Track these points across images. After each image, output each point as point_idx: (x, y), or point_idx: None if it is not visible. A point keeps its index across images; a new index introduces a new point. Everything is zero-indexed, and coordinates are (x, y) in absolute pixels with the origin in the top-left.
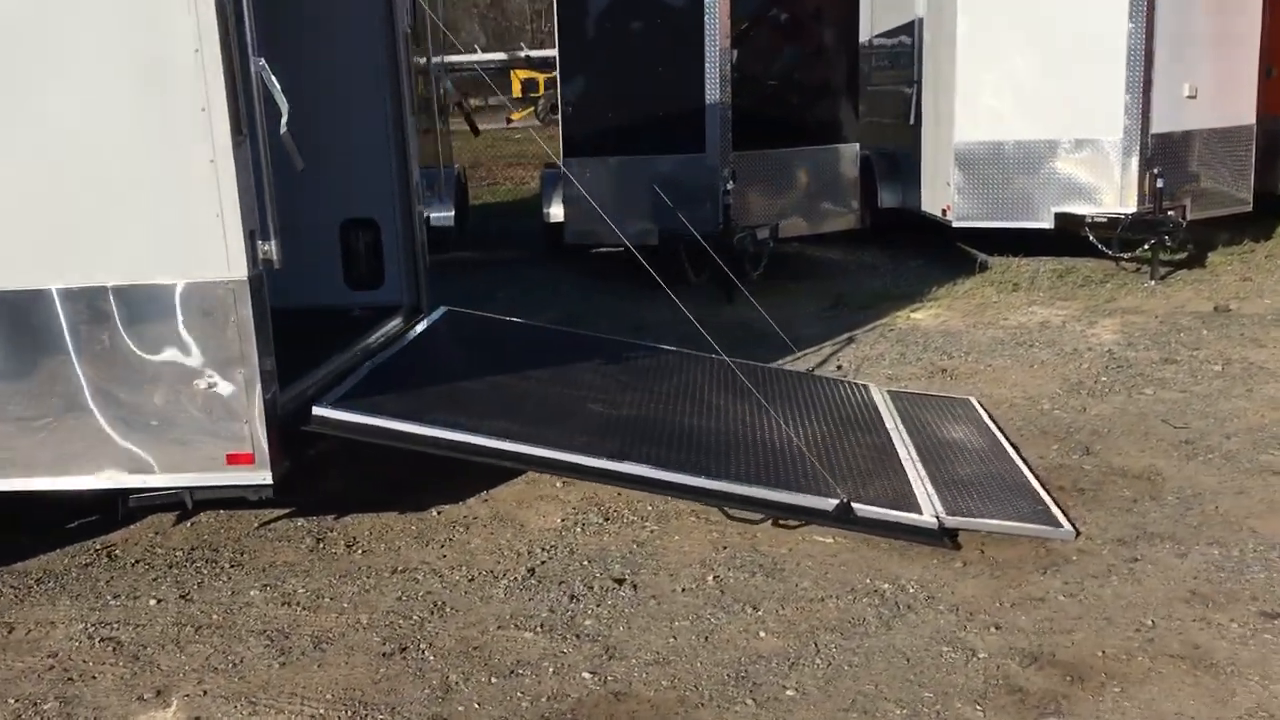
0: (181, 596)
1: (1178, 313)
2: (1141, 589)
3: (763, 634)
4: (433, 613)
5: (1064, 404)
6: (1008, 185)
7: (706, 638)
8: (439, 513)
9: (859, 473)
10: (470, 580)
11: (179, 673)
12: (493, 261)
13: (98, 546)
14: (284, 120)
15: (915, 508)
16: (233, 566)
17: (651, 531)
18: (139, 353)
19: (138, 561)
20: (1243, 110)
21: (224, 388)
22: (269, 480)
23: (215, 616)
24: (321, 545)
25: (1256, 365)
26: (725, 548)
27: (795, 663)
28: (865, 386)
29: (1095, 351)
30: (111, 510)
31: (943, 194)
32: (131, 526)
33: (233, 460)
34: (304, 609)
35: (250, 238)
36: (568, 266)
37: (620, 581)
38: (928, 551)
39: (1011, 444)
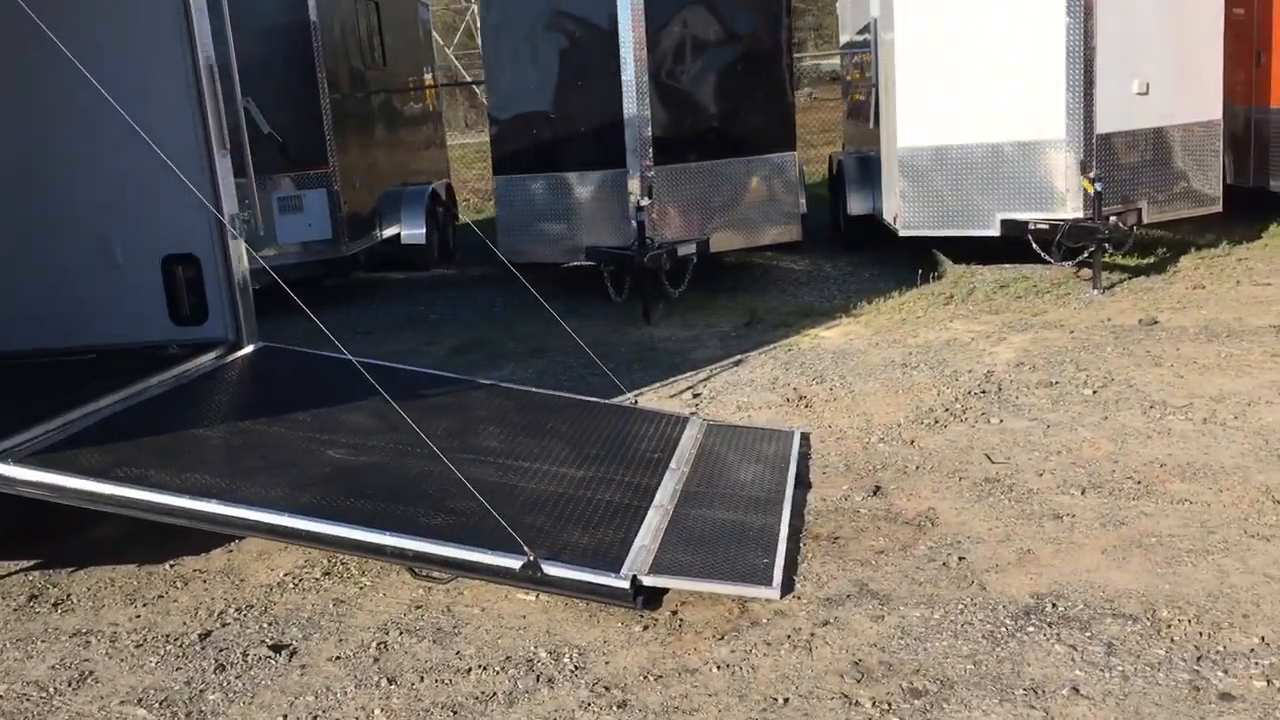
0: None
1: (1099, 327)
2: (809, 659)
3: (377, 712)
4: (73, 684)
5: (896, 436)
6: (953, 192)
7: (315, 718)
8: (172, 565)
9: (584, 523)
10: (138, 646)
11: None
12: (456, 280)
13: None
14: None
15: (613, 565)
16: None
17: (361, 588)
18: None
19: None
20: (1206, 105)
21: None
22: None
23: None
24: (32, 603)
25: (1135, 388)
26: (419, 607)
27: None
28: (683, 420)
29: (976, 373)
30: None
31: (894, 201)
32: None
33: None
34: None
35: None
36: (509, 282)
37: (278, 650)
38: (622, 612)
39: (802, 484)
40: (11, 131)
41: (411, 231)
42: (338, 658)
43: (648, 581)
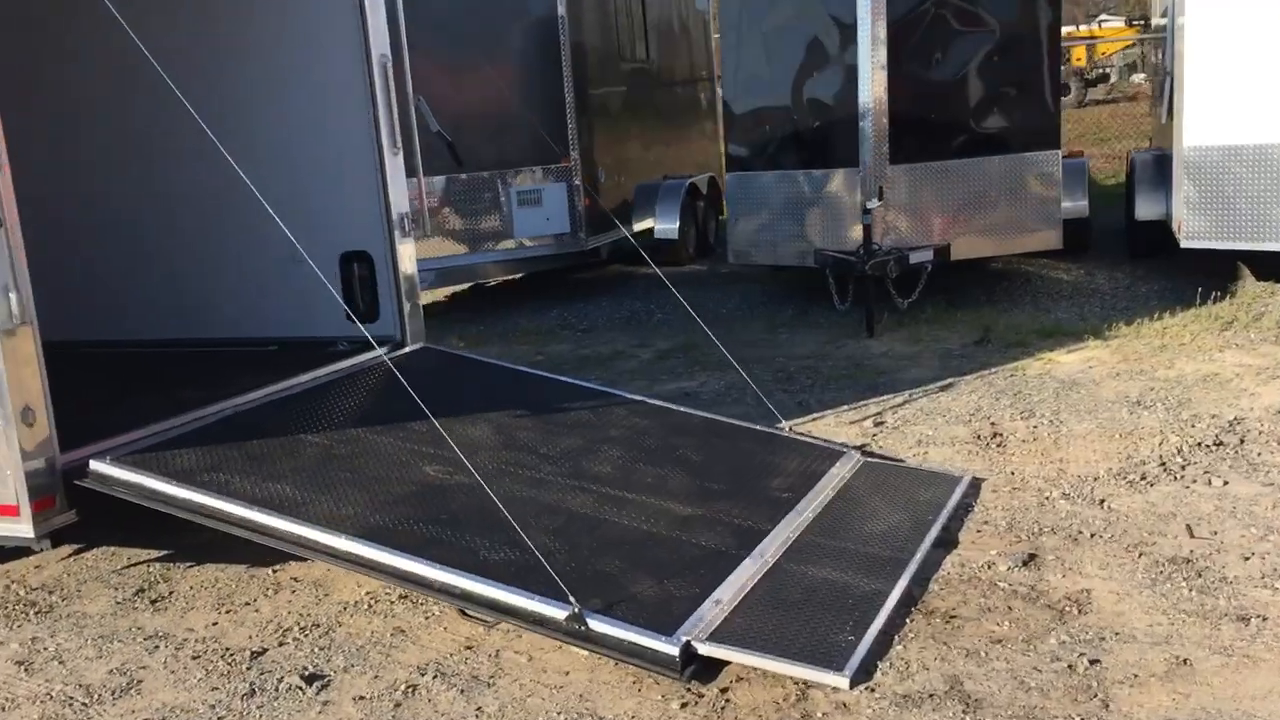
0: None
1: None
2: None
3: None
4: (117, 692)
5: (1087, 492)
6: (1247, 199)
7: None
8: (275, 571)
9: (661, 571)
10: (195, 658)
11: None
12: (701, 278)
13: None
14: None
15: (669, 626)
16: (38, 613)
17: (427, 618)
18: None
19: None
20: None
21: None
22: (29, 534)
23: None
24: (136, 598)
25: None
26: (469, 648)
27: None
28: (836, 454)
29: (1220, 419)
30: None
31: (1179, 206)
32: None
33: (3, 510)
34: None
35: None
36: (752, 282)
37: (310, 681)
38: (669, 683)
39: (947, 543)
40: (200, 130)
41: (665, 226)
42: (363, 697)
43: (703, 650)
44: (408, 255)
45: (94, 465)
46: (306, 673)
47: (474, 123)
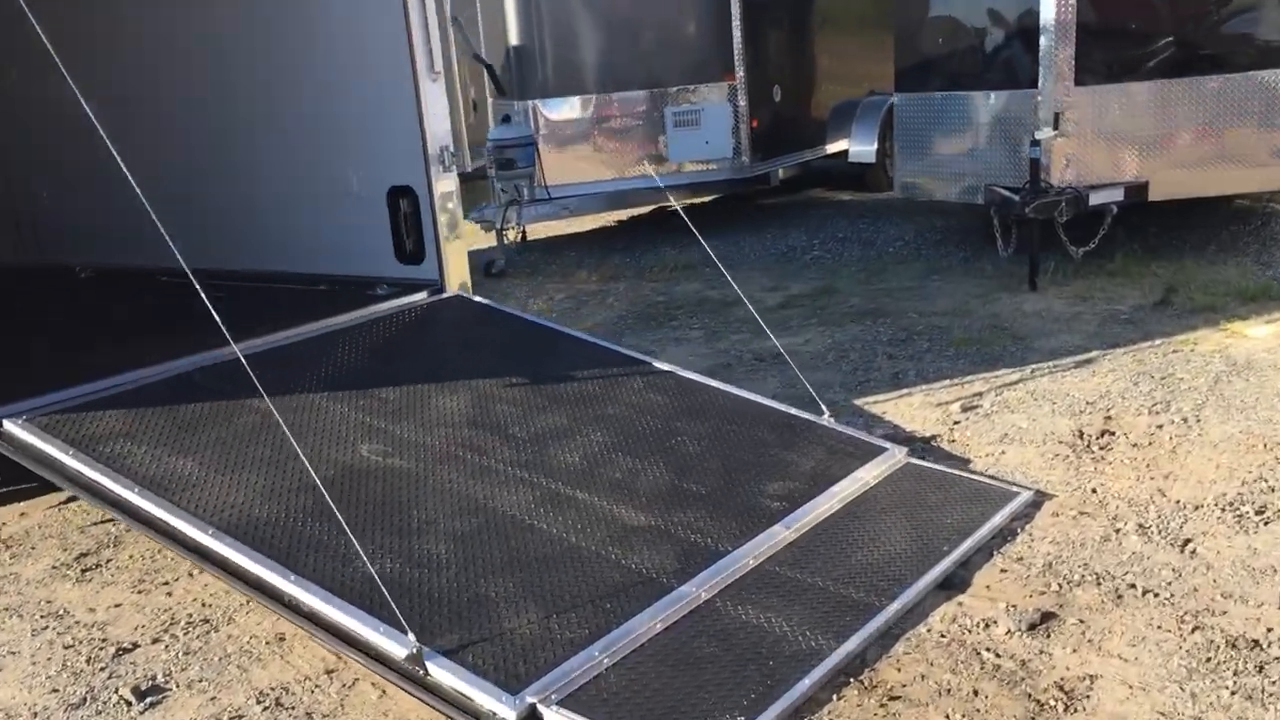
0: None
1: None
2: None
3: None
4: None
5: (1175, 527)
6: None
7: None
8: None
9: (558, 601)
10: (66, 648)
11: None
12: (892, 208)
13: None
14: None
15: (520, 680)
16: None
17: None
18: None
19: None
20: None
21: None
22: None
23: None
24: (78, 562)
25: None
26: (330, 672)
27: None
28: (871, 451)
29: None
30: None
31: None
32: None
33: None
34: None
35: None
36: (937, 216)
37: (141, 697)
38: None
39: (954, 584)
40: (243, 64)
41: (860, 148)
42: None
43: (547, 716)
44: (448, 191)
45: (6, 426)
46: (146, 686)
47: (624, 36)
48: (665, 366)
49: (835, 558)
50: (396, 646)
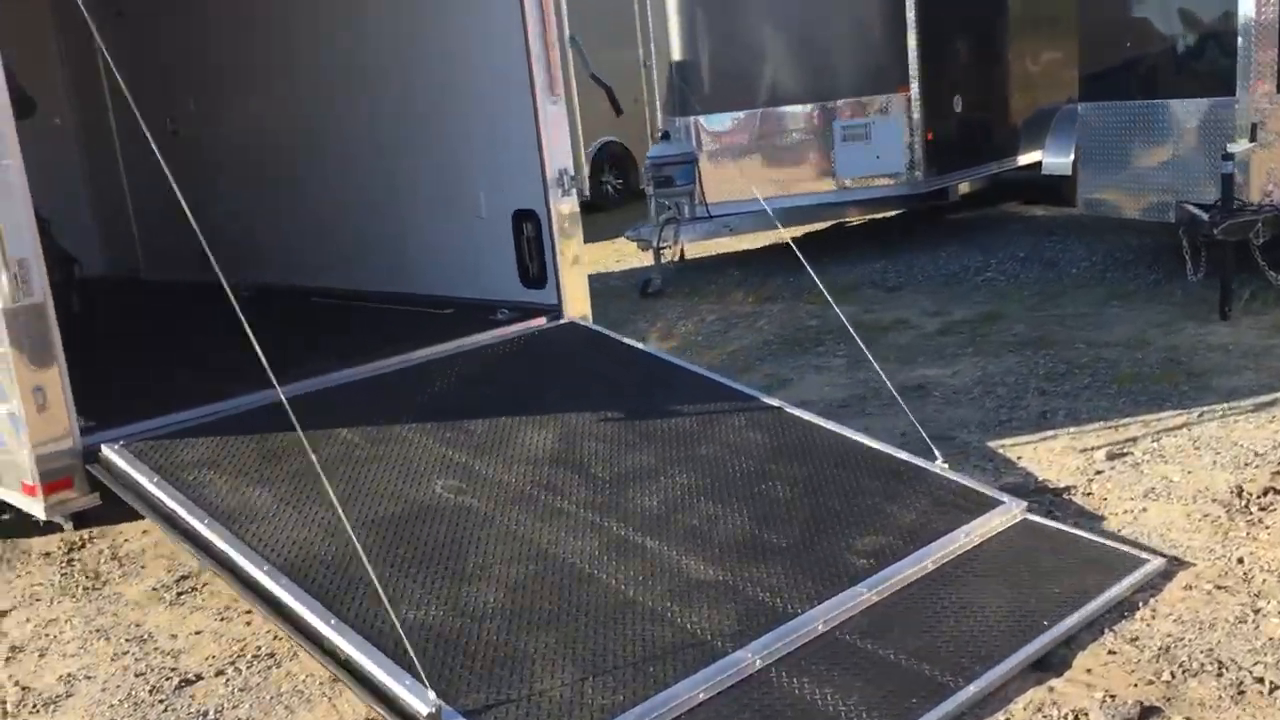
0: None
1: None
2: None
3: None
4: (38, 707)
5: None
6: None
7: None
8: None
9: (602, 658)
10: (137, 676)
11: None
12: (1083, 225)
13: None
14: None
15: None
16: (86, 590)
17: None
18: None
19: None
20: None
21: (11, 419)
22: (40, 514)
23: None
24: (177, 584)
25: None
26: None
27: None
28: (985, 504)
29: None
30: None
31: None
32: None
33: (26, 489)
34: None
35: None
36: (1131, 234)
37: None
38: None
39: (1050, 665)
40: (381, 92)
41: (1055, 159)
42: None
43: None
44: (567, 215)
45: (104, 451)
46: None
47: (790, 48)
48: (773, 402)
49: (917, 627)
50: (418, 704)
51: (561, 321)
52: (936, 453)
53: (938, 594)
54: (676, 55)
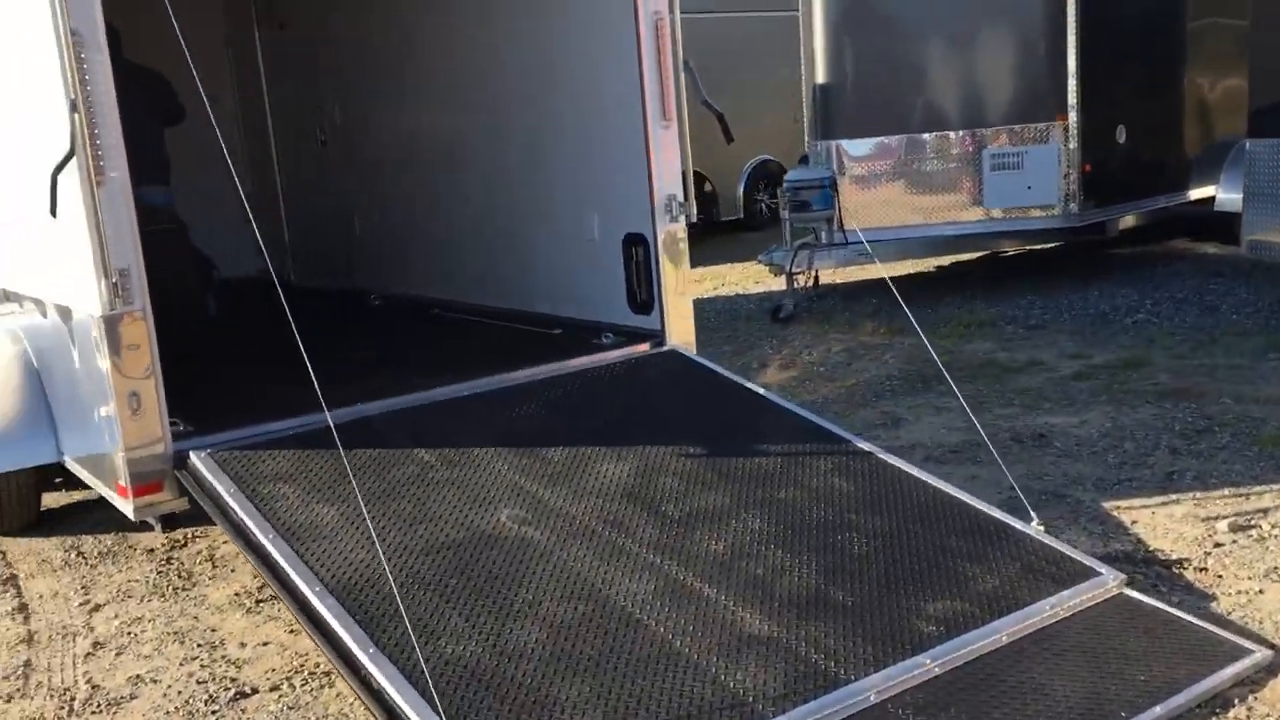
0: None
1: None
2: None
3: None
4: (102, 706)
5: None
6: None
7: None
8: None
9: (627, 712)
10: (199, 684)
11: None
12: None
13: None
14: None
15: None
16: (175, 590)
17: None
18: (83, 371)
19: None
20: None
21: (108, 421)
22: (131, 514)
23: None
24: (261, 590)
25: None
26: None
27: None
28: (1084, 575)
29: None
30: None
31: None
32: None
33: (119, 490)
34: None
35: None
36: None
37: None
38: None
39: None
40: (506, 110)
41: (1230, 195)
42: None
43: None
44: (674, 241)
45: (192, 458)
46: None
47: (940, 72)
48: (866, 446)
49: (975, 707)
50: None
51: (664, 349)
52: (1033, 513)
53: (1006, 671)
54: (821, 77)
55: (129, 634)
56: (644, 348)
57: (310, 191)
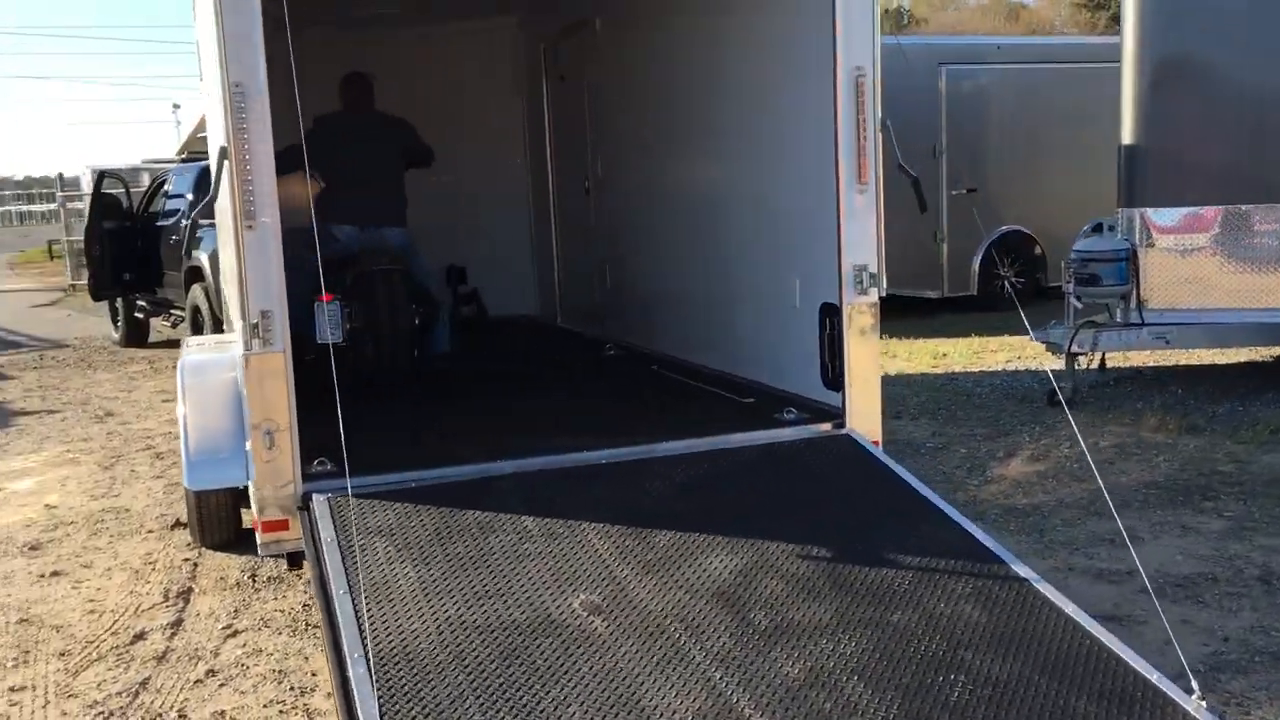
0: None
1: None
2: None
3: None
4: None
5: None
6: None
7: None
8: None
9: None
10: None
11: None
12: None
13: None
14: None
15: None
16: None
17: None
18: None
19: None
20: None
21: (247, 455)
22: (259, 549)
23: None
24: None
25: None
26: None
27: None
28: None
29: None
30: None
31: None
32: None
33: (254, 523)
34: None
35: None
36: None
37: None
38: None
39: None
40: (717, 167)
41: None
42: None
43: None
44: (862, 314)
45: (314, 501)
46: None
47: (1271, 136)
48: (1022, 572)
49: None
50: None
51: (841, 432)
52: (1195, 685)
53: None
54: (1127, 138)
55: (241, 665)
56: (825, 427)
57: (577, 239)
